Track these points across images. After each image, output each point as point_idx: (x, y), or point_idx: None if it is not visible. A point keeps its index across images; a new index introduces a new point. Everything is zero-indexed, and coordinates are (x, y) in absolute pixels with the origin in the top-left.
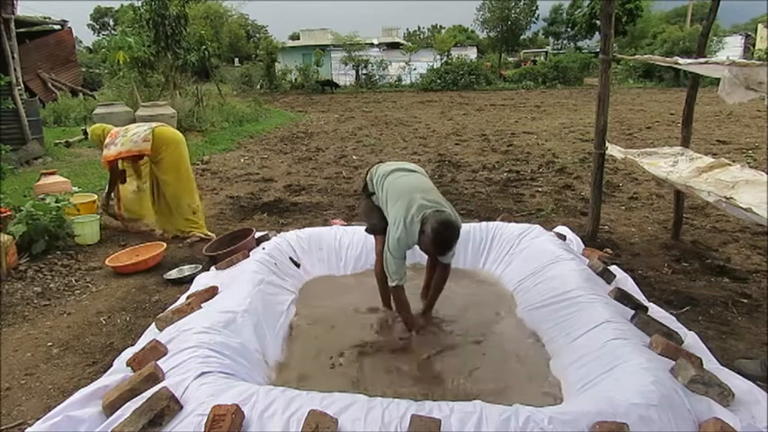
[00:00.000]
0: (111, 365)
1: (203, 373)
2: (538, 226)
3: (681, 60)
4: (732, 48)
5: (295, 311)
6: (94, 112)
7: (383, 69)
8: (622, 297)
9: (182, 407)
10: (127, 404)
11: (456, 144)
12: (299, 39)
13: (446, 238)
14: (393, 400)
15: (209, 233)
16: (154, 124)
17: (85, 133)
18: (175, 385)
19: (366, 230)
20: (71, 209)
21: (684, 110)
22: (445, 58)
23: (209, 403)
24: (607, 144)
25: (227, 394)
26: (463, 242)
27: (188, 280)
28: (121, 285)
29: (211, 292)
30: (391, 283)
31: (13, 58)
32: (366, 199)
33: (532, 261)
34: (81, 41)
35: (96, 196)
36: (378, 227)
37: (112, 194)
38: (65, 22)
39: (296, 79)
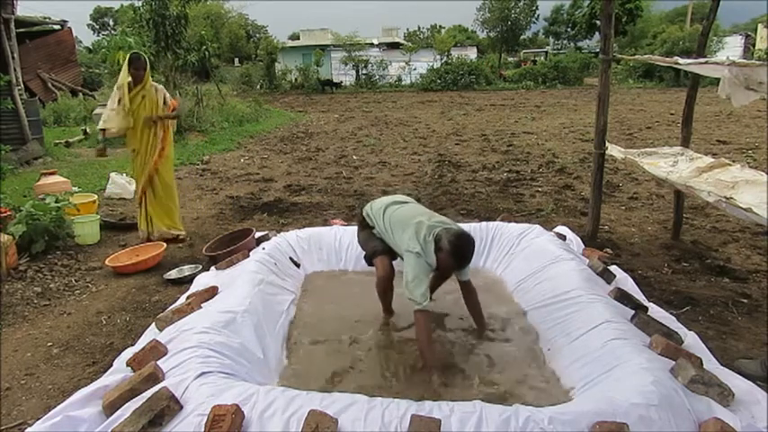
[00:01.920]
0: (111, 365)
1: (203, 373)
2: (538, 226)
3: (681, 60)
4: (732, 48)
5: (295, 311)
6: (94, 112)
7: (383, 69)
8: (622, 297)
9: (182, 407)
10: (127, 404)
11: (456, 144)
12: (299, 39)
13: (465, 249)
14: (393, 400)
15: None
16: None
17: (85, 133)
18: (175, 385)
19: (366, 258)
20: (71, 209)
21: (684, 110)
22: (445, 58)
23: (209, 403)
24: (607, 144)
25: (227, 394)
26: None
27: (188, 280)
28: (121, 285)
29: (211, 292)
30: (418, 307)
31: (13, 58)
32: (364, 230)
33: (532, 261)
34: (81, 41)
35: (96, 196)
36: (379, 248)
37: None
38: (65, 22)
39: (296, 79)
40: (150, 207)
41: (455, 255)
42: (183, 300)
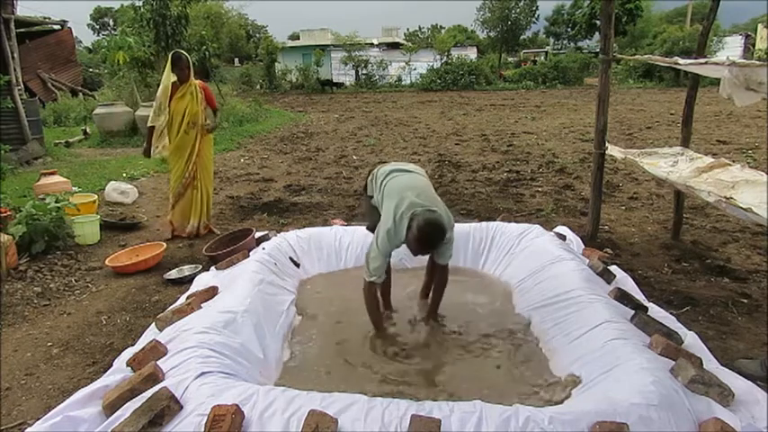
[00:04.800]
0: (111, 365)
1: (203, 373)
2: (538, 226)
3: (681, 60)
4: (732, 48)
5: (295, 311)
6: (94, 112)
7: (383, 69)
8: (622, 297)
9: (182, 407)
10: (127, 404)
11: (456, 144)
12: (299, 39)
13: (429, 237)
14: (393, 400)
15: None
16: None
17: (85, 133)
18: (175, 385)
19: (367, 228)
20: (71, 209)
21: (684, 110)
22: (445, 58)
23: (209, 403)
24: (607, 144)
25: (227, 394)
26: (463, 242)
27: (188, 280)
28: (121, 285)
29: (211, 292)
30: (368, 278)
31: (13, 58)
32: (367, 199)
33: (532, 261)
34: (81, 41)
35: (96, 196)
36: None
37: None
38: (65, 22)
39: (296, 79)
40: (198, 203)
41: (419, 240)
42: (182, 300)
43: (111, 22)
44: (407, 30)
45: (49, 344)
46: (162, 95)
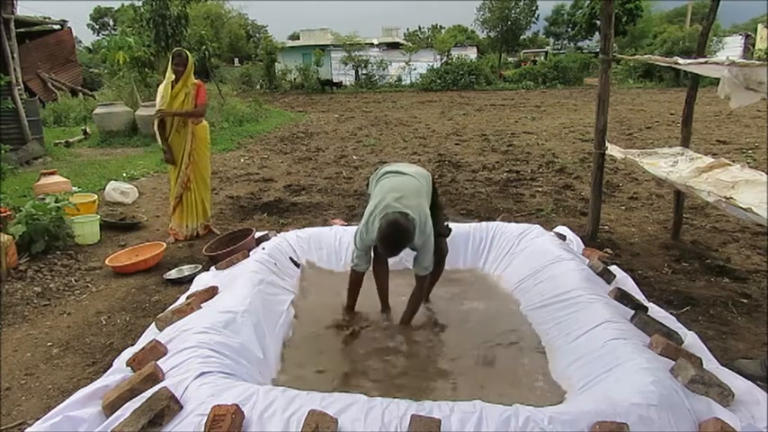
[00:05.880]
0: (111, 365)
1: (203, 373)
2: (538, 226)
3: (681, 60)
4: (732, 48)
5: (294, 311)
6: (94, 112)
7: (383, 69)
8: (622, 297)
9: (182, 407)
10: (127, 404)
11: (456, 144)
12: (299, 39)
13: (389, 239)
14: (393, 400)
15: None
16: None
17: (85, 133)
18: (175, 385)
19: None
20: (71, 209)
21: (684, 110)
22: (445, 58)
23: (210, 403)
24: (607, 144)
25: (227, 394)
26: (463, 242)
27: (188, 280)
28: (121, 285)
29: (211, 292)
30: (351, 265)
31: (13, 58)
32: (368, 197)
33: (532, 261)
34: (81, 41)
35: (96, 196)
36: None
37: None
38: (64, 22)
39: (296, 79)
40: (193, 205)
41: (379, 241)
42: (182, 300)
43: (111, 22)
44: (407, 30)
45: (49, 344)
46: (164, 90)
